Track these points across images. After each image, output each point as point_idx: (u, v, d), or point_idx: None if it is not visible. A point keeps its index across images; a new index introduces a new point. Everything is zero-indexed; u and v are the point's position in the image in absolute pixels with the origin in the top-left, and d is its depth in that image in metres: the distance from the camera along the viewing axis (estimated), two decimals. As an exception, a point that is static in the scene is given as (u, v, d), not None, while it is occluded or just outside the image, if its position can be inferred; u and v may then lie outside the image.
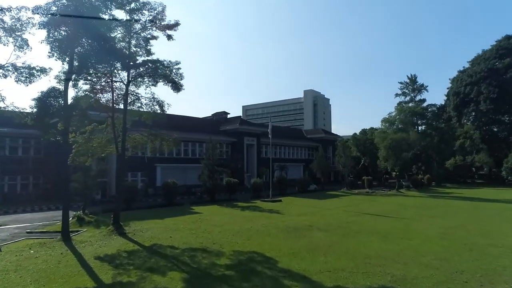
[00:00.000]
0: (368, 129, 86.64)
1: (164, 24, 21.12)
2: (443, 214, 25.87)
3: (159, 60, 20.03)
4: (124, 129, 20.65)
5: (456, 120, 66.18)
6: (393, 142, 42.76)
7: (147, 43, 21.47)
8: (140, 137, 21.83)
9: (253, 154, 55.75)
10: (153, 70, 19.80)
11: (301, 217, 24.88)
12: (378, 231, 19.19)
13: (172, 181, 32.24)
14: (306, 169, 66.86)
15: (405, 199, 37.66)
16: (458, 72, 70.52)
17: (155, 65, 19.69)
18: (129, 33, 20.89)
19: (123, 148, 20.62)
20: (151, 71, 19.88)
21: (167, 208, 30.03)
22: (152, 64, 19.73)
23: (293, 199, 38.51)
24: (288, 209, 29.54)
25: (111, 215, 20.33)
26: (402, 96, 75.58)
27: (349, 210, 28.36)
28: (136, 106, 21.89)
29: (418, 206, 31.12)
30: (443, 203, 33.18)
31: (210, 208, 29.98)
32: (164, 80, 20.32)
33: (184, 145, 48.10)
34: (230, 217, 24.83)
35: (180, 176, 46.73)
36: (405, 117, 66.71)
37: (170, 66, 20.57)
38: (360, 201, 35.78)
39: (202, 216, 25.25)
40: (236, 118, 57.70)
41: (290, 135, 69.63)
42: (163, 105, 21.27)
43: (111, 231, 18.81)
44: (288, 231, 19.28)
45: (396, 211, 27.73)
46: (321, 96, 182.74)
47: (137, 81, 21.10)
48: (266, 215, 25.56)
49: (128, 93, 20.84)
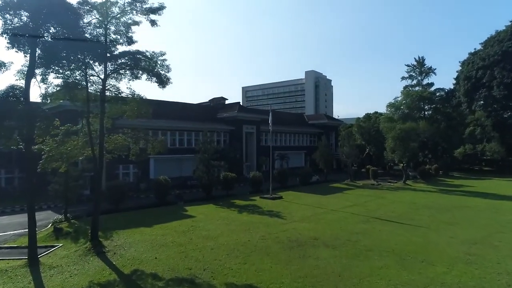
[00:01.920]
0: (372, 113, 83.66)
1: (147, 7, 18.10)
2: (461, 220, 23.47)
3: (140, 51, 17.13)
4: (101, 130, 17.96)
5: (466, 106, 62.95)
6: (402, 133, 39.99)
7: (128, 29, 18.52)
8: (122, 139, 19.12)
9: (252, 143, 53.15)
10: (133, 63, 16.88)
11: (304, 223, 22.51)
12: (392, 248, 16.81)
13: (164, 178, 29.76)
14: (307, 157, 64.47)
15: (415, 195, 35.26)
16: (469, 55, 66.72)
17: (136, 57, 16.74)
18: (105, 18, 17.89)
19: (101, 153, 17.97)
20: (131, 64, 16.96)
21: (158, 209, 27.69)
22: (131, 56, 16.76)
23: (295, 194, 36.14)
24: (290, 210, 27.18)
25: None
26: (409, 80, 71.97)
27: (356, 213, 25.97)
28: (118, 104, 19.17)
29: (430, 206, 28.72)
30: (457, 202, 30.76)
31: (205, 209, 27.63)
32: (148, 74, 17.44)
33: (179, 135, 45.49)
34: (226, 223, 22.45)
35: (175, 167, 44.45)
36: (412, 102, 63.44)
37: (154, 57, 17.67)
38: (366, 198, 33.41)
39: (195, 222, 22.89)
40: (235, 105, 54.71)
41: (291, 121, 66.76)
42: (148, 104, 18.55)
43: (88, 250, 16.45)
44: (290, 248, 16.93)
45: (408, 214, 25.35)
46: (323, 77, 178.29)
47: (117, 73, 18.26)
48: (266, 221, 23.18)
49: (106, 89, 18.03)
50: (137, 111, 19.20)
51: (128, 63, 17.01)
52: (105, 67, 17.44)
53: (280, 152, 56.08)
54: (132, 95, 18.37)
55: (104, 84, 17.84)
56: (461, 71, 66.89)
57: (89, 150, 19.16)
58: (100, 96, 17.93)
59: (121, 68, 17.32)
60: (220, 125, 50.06)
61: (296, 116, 77.08)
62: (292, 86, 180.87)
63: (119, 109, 19.43)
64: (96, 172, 17.72)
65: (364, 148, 53.57)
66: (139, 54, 16.94)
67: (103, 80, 17.56)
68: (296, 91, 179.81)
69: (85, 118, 17.93)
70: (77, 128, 18.64)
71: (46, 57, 14.98)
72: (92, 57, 16.41)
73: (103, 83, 17.70)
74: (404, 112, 62.93)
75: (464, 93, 62.50)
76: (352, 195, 35.41)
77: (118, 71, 17.52)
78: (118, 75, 17.74)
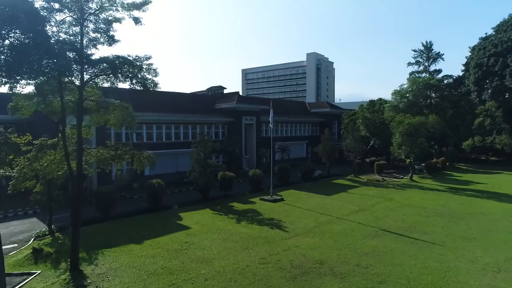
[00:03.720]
0: (376, 100, 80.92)
1: (129, 2, 15.60)
2: (478, 233, 21.61)
3: (121, 57, 14.75)
4: (79, 143, 15.83)
5: (476, 95, 60.18)
6: (410, 128, 37.73)
7: (109, 27, 16.12)
8: (105, 152, 16.98)
9: (252, 134, 50.99)
10: (112, 70, 14.56)
11: (308, 238, 20.69)
12: (407, 278, 15.03)
13: (157, 181, 27.80)
14: (309, 147, 62.46)
15: (424, 196, 33.36)
16: (480, 40, 63.39)
17: (115, 64, 14.39)
18: (81, 15, 15.46)
19: (80, 169, 15.88)
20: (110, 72, 14.65)
21: (150, 216, 25.86)
22: (110, 63, 14.42)
23: (296, 194, 34.27)
24: (291, 218, 25.37)
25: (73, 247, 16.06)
26: (415, 66, 69.08)
27: (364, 222, 24.12)
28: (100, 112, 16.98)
29: (442, 212, 26.84)
30: (470, 207, 28.82)
31: (200, 217, 25.78)
32: (131, 81, 15.16)
33: (175, 128, 43.33)
34: (223, 239, 20.60)
35: (171, 163, 42.55)
36: (418, 90, 60.68)
37: (137, 61, 15.30)
38: (372, 200, 31.56)
39: (189, 237, 21.03)
40: (234, 95, 52.16)
41: (292, 110, 64.28)
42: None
43: (67, 283, 14.64)
44: (293, 278, 15.14)
45: (419, 225, 23.49)
46: (325, 59, 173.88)
47: (97, 79, 15.97)
48: (266, 235, 21.33)
49: (85, 98, 15.79)
50: (121, 119, 17.03)
51: (107, 71, 14.66)
52: (81, 74, 15.11)
53: (281, 144, 54.06)
54: (115, 103, 16.13)
55: (81, 92, 15.57)
56: (471, 57, 63.75)
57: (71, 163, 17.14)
58: (77, 106, 15.69)
59: (99, 75, 15.01)
60: (218, 117, 47.77)
61: (298, 104, 74.51)
62: (293, 69, 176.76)
63: (101, 118, 17.28)
64: (74, 192, 15.69)
65: (369, 140, 51.38)
66: (119, 59, 14.56)
67: (79, 88, 15.27)
68: (297, 73, 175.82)
69: (60, 130, 15.73)
70: (54, 141, 16.48)
71: (7, 66, 12.67)
72: (64, 64, 14.04)
73: (79, 91, 15.41)
74: (410, 100, 60.39)
75: (475, 81, 59.63)
76: (357, 196, 33.56)
77: (96, 79, 15.21)
78: (96, 83, 15.43)
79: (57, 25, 15.37)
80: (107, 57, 14.70)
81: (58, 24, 15.35)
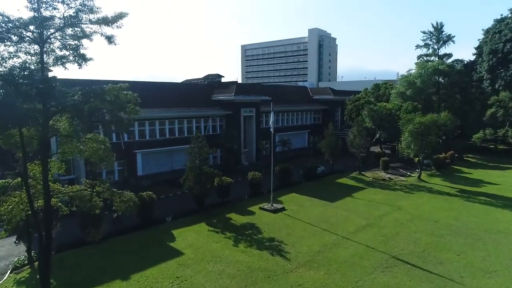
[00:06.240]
0: (381, 84, 77.46)
1: (99, 17, 12.79)
2: (499, 263, 19.63)
3: (85, 91, 12.04)
4: (45, 181, 13.47)
5: (489, 84, 56.82)
6: (421, 127, 35.08)
7: (78, 46, 13.47)
8: (84, 192, 14.60)
9: (251, 126, 48.36)
10: (76, 108, 11.94)
11: (313, 271, 18.79)
12: None
13: (148, 194, 25.64)
14: (311, 136, 60.00)
15: (434, 203, 31.21)
16: (495, 22, 59.19)
17: (76, 101, 11.77)
18: (41, 29, 12.71)
19: (47, 212, 13.57)
20: (74, 109, 12.03)
21: (140, 235, 23.84)
22: (73, 99, 11.80)
23: (298, 200, 32.14)
24: (294, 236, 23.40)
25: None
26: (424, 48, 65.03)
27: (372, 246, 22.06)
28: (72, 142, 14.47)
29: (457, 230, 24.67)
30: (486, 222, 26.45)
31: (195, 236, 23.75)
32: (102, 122, 12.62)
33: (169, 123, 40.69)
34: (218, 273, 18.60)
35: (166, 161, 40.34)
36: (427, 76, 57.29)
37: (111, 93, 12.64)
38: (380, 210, 29.44)
39: (181, 270, 19.02)
40: (232, 85, 48.96)
41: (293, 96, 61.16)
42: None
43: None
44: None
45: (433, 250, 21.47)
46: (327, 35, 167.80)
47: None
48: (266, 266, 19.35)
49: (49, 134, 13.27)
50: (96, 151, 14.56)
51: (70, 108, 12.03)
52: (43, 105, 12.51)
53: (281, 135, 51.61)
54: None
55: (46, 125, 13.02)
56: (484, 41, 59.83)
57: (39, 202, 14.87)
58: (40, 138, 13.20)
59: (62, 111, 12.40)
60: (215, 110, 44.99)
61: (299, 90, 71.20)
62: (295, 45, 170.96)
63: (73, 148, 14.79)
64: (42, 247, 13.45)
65: (374, 132, 48.80)
66: (85, 94, 11.86)
67: (42, 124, 12.71)
68: (299, 50, 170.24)
69: (19, 166, 13.33)
70: (18, 182, 14.07)
71: None
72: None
73: (43, 125, 12.85)
74: (418, 87, 57.18)
75: (488, 69, 56.07)
76: (363, 202, 31.46)
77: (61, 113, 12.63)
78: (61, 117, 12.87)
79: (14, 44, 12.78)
80: (69, 93, 12.00)
81: (15, 43, 12.74)
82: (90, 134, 14.14)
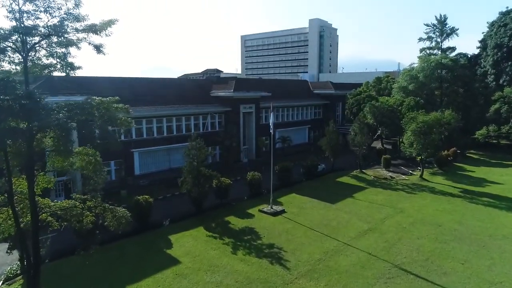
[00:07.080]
0: (383, 77, 76.34)
1: (86, 25, 11.94)
2: (507, 275, 19.10)
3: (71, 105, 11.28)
4: (31, 197, 12.81)
5: (493, 79, 55.69)
6: (424, 126, 34.28)
7: (65, 54, 12.67)
8: (72, 203, 13.93)
9: (251, 122, 47.53)
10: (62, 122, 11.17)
11: (313, 282, 18.29)
12: None
13: (144, 198, 25.05)
14: (311, 131, 59.26)
15: (437, 206, 30.50)
16: (500, 14, 57.78)
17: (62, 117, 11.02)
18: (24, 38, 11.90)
19: (35, 227, 12.93)
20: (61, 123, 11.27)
21: (137, 241, 23.29)
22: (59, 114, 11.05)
23: (299, 202, 31.54)
24: (294, 243, 22.84)
25: None
26: (427, 41, 63.70)
27: (374, 253, 21.55)
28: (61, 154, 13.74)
29: (460, 235, 24.15)
30: (490, 223, 26.11)
31: (192, 242, 23.19)
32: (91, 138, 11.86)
33: (167, 121, 39.86)
34: (216, 285, 18.12)
35: (164, 160, 39.72)
36: (430, 70, 56.17)
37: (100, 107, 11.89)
38: (382, 212, 28.88)
39: (178, 281, 18.54)
40: (231, 80, 47.90)
41: (293, 90, 60.18)
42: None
43: None
44: None
45: (437, 258, 20.93)
46: (328, 26, 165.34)
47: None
48: (265, 277, 18.87)
49: (36, 148, 12.53)
50: (87, 165, 13.85)
51: (55, 128, 11.25)
52: (28, 121, 11.74)
53: (281, 131, 50.88)
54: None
55: (31, 138, 12.28)
56: (489, 34, 58.51)
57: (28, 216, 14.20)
58: (24, 154, 12.48)
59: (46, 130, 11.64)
60: (214, 107, 44.08)
61: (300, 84, 70.09)
62: (295, 36, 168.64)
63: (63, 161, 14.07)
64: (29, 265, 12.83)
65: (376, 128, 48.03)
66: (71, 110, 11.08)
67: (27, 147, 11.96)
68: (299, 41, 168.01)
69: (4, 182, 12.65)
70: (4, 199, 13.38)
71: None
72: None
73: (27, 141, 12.11)
74: (421, 81, 56.12)
75: (493, 63, 54.88)
76: (364, 204, 30.86)
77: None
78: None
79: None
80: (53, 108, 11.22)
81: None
82: (80, 147, 13.40)
